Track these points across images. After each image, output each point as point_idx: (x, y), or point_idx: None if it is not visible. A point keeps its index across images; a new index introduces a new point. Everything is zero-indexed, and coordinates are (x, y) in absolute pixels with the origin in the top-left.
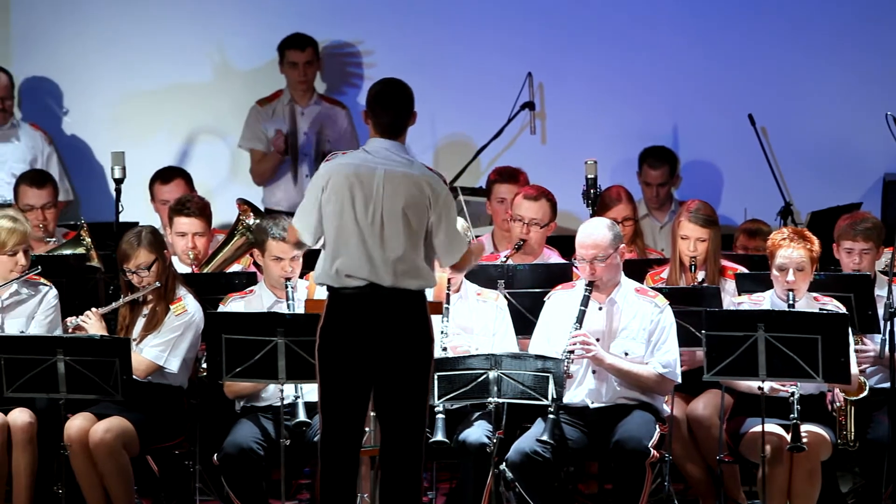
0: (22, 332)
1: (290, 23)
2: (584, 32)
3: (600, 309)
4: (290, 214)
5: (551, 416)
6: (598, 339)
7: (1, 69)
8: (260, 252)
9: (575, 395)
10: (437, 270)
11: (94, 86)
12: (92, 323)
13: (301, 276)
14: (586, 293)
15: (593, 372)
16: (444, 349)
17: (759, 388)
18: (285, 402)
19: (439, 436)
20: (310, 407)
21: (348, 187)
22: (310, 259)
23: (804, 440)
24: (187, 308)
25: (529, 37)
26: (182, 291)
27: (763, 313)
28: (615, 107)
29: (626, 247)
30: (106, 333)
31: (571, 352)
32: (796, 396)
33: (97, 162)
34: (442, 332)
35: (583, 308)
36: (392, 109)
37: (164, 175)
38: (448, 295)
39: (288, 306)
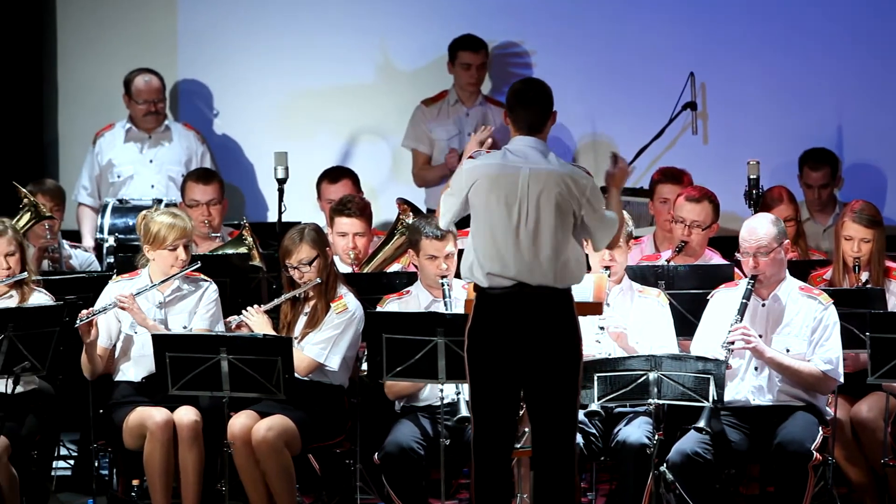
0: (185, 327)
1: (453, 23)
2: (747, 32)
3: (763, 305)
4: None
5: (709, 405)
6: (759, 335)
7: (152, 72)
8: (415, 252)
9: (737, 391)
10: (593, 272)
11: (258, 86)
12: (255, 319)
13: (457, 276)
14: (749, 287)
15: (755, 368)
16: (602, 329)
17: None
18: (446, 400)
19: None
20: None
21: (494, 187)
22: None
23: None
24: (348, 306)
25: (692, 37)
26: (343, 290)
27: None
28: (778, 107)
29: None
30: (271, 329)
31: (732, 343)
32: None
33: (250, 162)
34: (601, 329)
35: (744, 300)
36: (535, 106)
37: (332, 174)
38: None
39: (445, 304)
